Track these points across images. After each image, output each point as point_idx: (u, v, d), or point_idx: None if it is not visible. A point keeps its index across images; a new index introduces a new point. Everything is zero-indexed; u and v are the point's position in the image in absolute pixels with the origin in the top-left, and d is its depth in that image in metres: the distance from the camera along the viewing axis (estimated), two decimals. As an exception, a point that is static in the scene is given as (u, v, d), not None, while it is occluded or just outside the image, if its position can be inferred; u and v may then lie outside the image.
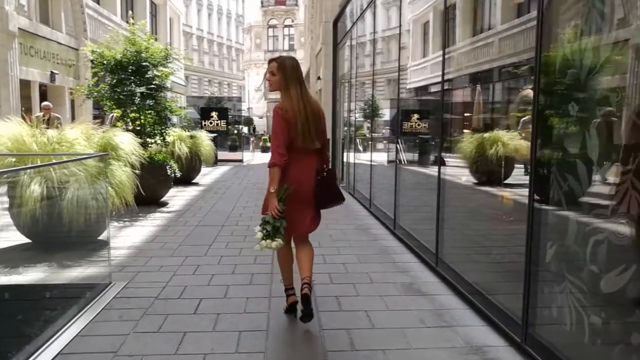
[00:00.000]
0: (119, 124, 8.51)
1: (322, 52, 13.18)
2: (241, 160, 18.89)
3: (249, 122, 40.05)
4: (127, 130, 8.37)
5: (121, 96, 8.08)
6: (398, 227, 6.10)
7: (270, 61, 3.45)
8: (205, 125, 17.60)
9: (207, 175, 13.15)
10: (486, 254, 4.40)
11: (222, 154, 18.86)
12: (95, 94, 8.11)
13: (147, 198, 8.25)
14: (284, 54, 35.52)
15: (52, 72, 13.42)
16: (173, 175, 8.63)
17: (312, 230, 3.58)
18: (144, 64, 8.15)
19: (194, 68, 46.30)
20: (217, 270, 4.68)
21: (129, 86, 7.95)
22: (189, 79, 44.95)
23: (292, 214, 3.36)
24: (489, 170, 4.81)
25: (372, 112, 8.86)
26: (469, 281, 3.98)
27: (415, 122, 6.34)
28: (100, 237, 5.79)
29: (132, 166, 5.89)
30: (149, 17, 25.25)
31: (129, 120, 8.46)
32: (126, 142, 5.85)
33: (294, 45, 49.51)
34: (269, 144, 29.01)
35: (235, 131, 23.92)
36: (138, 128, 8.45)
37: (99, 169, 5.32)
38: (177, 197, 9.23)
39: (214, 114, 17.84)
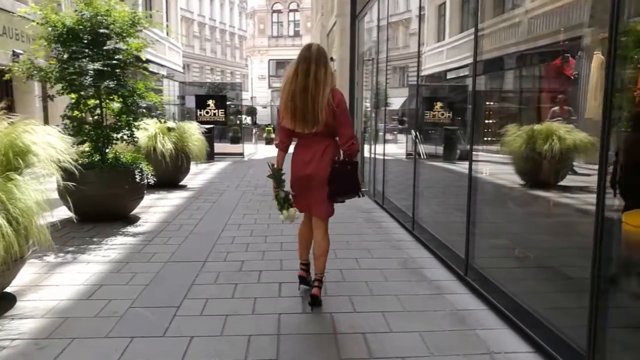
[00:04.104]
0: (75, 113, 6.38)
1: (337, 27, 10.98)
2: (242, 154, 16.72)
3: (251, 111, 37.86)
4: (83, 122, 6.28)
5: (73, 75, 5.93)
6: (473, 271, 3.94)
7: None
8: (200, 115, 15.45)
9: (199, 175, 11.00)
10: None
11: (222, 147, 16.75)
12: (36, 72, 5.94)
13: (110, 213, 6.21)
14: (289, 40, 33.98)
15: (14, 51, 11.25)
16: (146, 181, 6.51)
17: (322, 217, 3.53)
18: (101, 31, 5.97)
19: (195, 55, 44.19)
20: (176, 383, 2.56)
21: (79, 61, 5.79)
22: (190, 66, 42.89)
23: (307, 197, 3.51)
24: None
25: (421, 97, 6.68)
26: None
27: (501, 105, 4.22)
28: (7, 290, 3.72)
29: (62, 176, 3.75)
30: (141, -4, 22.97)
31: (86, 109, 6.33)
32: (42, 142, 3.68)
33: (300, 32, 47.05)
34: (272, 136, 26.89)
35: (238, 122, 21.79)
36: (96, 118, 6.32)
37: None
38: (154, 209, 7.09)
39: (210, 102, 15.63)
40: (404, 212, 6.16)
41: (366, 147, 9.28)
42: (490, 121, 4.59)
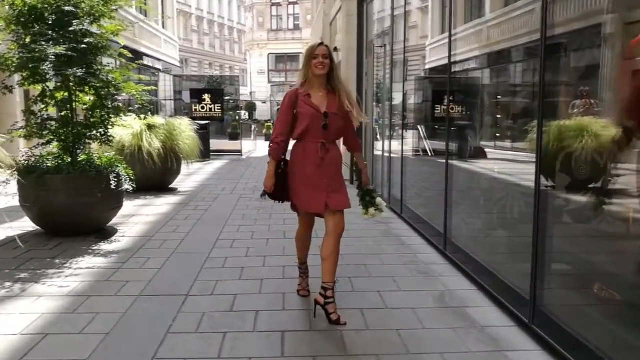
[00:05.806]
0: (40, 106, 5.40)
1: (342, 13, 9.92)
2: (240, 152, 15.72)
3: (251, 107, 36.82)
4: (48, 118, 5.31)
5: (34, 62, 4.94)
6: (540, 315, 2.96)
7: (321, 44, 3.31)
8: (196, 110, 14.44)
9: (192, 176, 10.00)
10: None
11: (219, 144, 15.77)
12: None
13: (81, 226, 5.29)
14: (289, 34, 32.95)
15: (-11, 41, 10.27)
16: (124, 188, 5.52)
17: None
18: (67, 9, 4.98)
19: (193, 50, 43.16)
20: None
21: (39, 44, 4.80)
22: (189, 61, 41.84)
23: None
24: None
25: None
26: None
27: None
28: None
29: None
30: (135, -14, 21.87)
31: (51, 102, 5.34)
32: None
33: (300, 25, 45.87)
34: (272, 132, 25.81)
35: (237, 117, 20.80)
36: (66, 113, 5.35)
37: None
38: (135, 219, 6.10)
39: (206, 96, 14.60)
40: (429, 225, 5.18)
41: (378, 144, 8.31)
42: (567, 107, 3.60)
